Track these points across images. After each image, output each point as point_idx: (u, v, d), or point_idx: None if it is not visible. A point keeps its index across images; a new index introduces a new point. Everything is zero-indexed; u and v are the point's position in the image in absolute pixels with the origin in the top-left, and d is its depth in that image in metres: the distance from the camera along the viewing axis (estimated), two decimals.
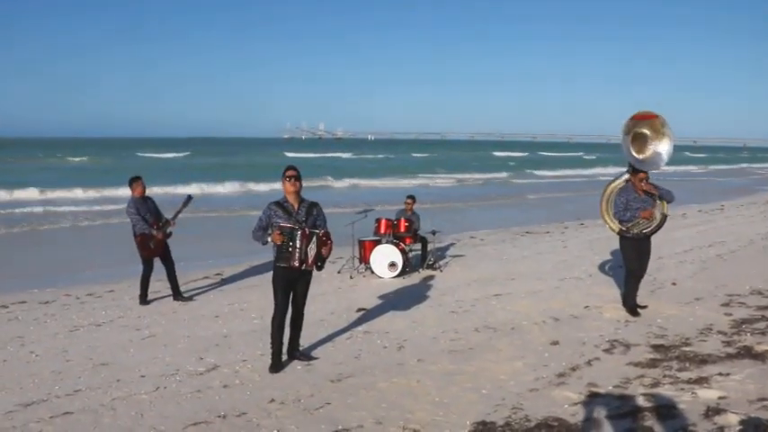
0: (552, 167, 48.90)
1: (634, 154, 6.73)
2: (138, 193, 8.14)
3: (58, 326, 7.25)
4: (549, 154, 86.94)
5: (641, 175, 6.71)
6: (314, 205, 5.60)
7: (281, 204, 5.49)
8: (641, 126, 6.78)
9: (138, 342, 6.53)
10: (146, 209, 8.16)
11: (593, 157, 72.72)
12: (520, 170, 45.87)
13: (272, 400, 4.70)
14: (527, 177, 40.35)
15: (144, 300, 8.28)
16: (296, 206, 5.49)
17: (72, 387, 5.16)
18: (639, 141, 6.76)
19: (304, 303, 5.73)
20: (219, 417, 4.44)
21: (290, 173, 5.47)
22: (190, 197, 8.49)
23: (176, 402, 4.75)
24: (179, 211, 8.30)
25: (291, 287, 5.58)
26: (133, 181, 8.20)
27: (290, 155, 63.08)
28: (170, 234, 8.35)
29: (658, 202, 6.80)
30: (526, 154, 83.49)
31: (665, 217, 6.85)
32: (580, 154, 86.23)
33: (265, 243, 5.49)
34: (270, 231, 5.45)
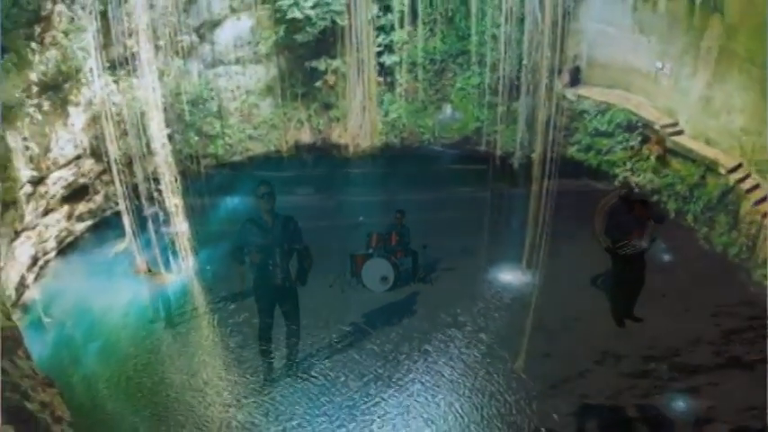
0: None
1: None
2: None
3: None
4: None
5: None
6: (289, 220, 5.32)
7: (255, 222, 5.23)
8: None
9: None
10: None
11: None
12: None
13: (266, 413, 4.71)
14: None
15: None
16: (270, 222, 5.23)
17: None
18: None
19: (297, 323, 5.47)
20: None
21: (263, 190, 5.17)
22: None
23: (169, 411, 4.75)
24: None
25: (274, 303, 5.38)
26: None
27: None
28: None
29: (650, 224, 6.78)
30: None
31: (653, 240, 6.84)
32: None
33: (243, 263, 5.27)
34: (246, 250, 5.21)
